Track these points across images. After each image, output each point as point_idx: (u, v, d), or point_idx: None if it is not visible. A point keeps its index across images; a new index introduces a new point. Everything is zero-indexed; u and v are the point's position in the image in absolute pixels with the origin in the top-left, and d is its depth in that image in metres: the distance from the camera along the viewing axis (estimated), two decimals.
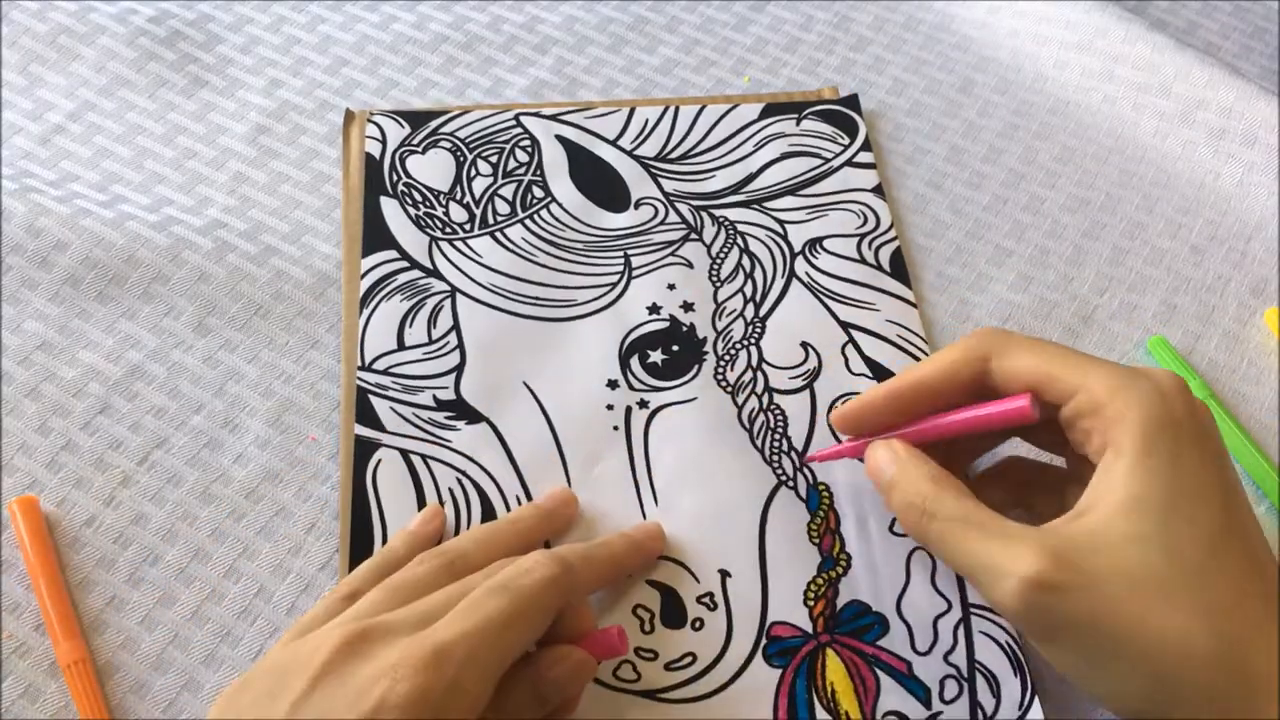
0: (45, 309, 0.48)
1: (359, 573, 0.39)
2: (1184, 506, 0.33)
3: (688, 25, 0.60)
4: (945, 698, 0.40)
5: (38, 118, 0.54)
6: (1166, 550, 0.32)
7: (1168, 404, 0.34)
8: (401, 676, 0.31)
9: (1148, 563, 0.32)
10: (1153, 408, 0.34)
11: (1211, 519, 0.33)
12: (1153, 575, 0.32)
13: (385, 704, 0.31)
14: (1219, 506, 0.33)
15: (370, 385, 0.46)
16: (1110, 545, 0.33)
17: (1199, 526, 0.33)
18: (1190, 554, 0.32)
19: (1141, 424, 0.34)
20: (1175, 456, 0.34)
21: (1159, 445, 0.34)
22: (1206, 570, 0.32)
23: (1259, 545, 0.34)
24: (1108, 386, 0.35)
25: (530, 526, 0.41)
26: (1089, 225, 0.54)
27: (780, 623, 0.41)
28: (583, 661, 0.36)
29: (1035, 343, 0.37)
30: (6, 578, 0.42)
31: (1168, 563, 0.32)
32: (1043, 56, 0.59)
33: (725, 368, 0.48)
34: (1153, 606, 0.32)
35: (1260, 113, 0.54)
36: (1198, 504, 0.33)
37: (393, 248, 0.50)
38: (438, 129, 0.54)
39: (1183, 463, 0.34)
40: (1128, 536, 0.33)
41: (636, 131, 0.55)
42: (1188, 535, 0.33)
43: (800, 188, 0.53)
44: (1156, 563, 0.32)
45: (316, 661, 0.32)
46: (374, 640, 0.33)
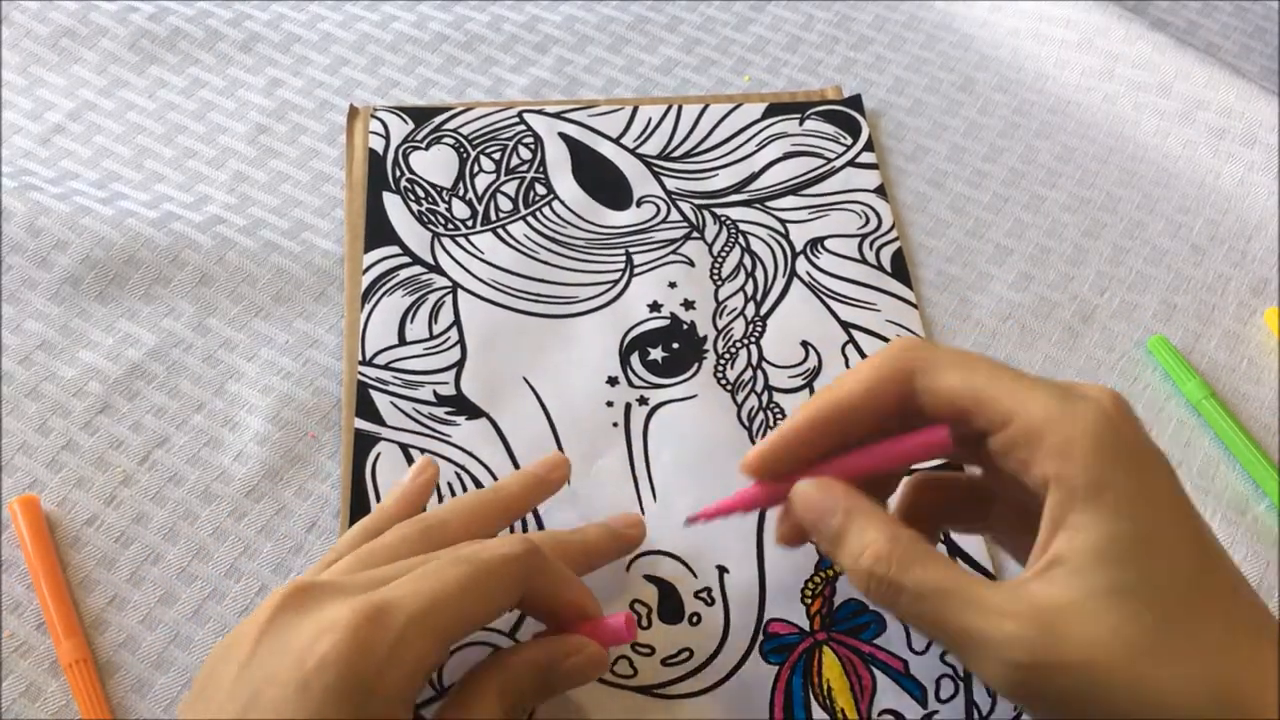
0: (45, 308, 0.48)
1: (346, 536, 0.39)
2: (1158, 543, 0.30)
3: (688, 25, 0.60)
4: (941, 696, 0.40)
5: (37, 117, 0.54)
6: (1151, 600, 0.30)
7: (1114, 428, 0.31)
8: (340, 631, 0.30)
9: (1136, 618, 0.30)
10: (1100, 436, 0.31)
11: (1188, 551, 0.31)
12: (1143, 632, 0.30)
13: (325, 660, 0.30)
14: (1190, 534, 0.31)
15: (371, 380, 0.46)
16: (1094, 606, 0.30)
17: (1177, 563, 0.30)
18: (1176, 597, 0.30)
19: (1092, 456, 0.31)
20: (1135, 487, 0.31)
21: (1115, 478, 0.31)
22: (1194, 612, 0.30)
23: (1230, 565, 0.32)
24: (1045, 414, 0.31)
25: (514, 494, 0.40)
26: (1089, 224, 0.54)
27: (777, 620, 0.41)
28: (597, 656, 0.36)
29: (961, 359, 0.34)
30: (7, 577, 0.42)
31: (1154, 613, 0.30)
32: (1044, 55, 0.59)
33: (725, 366, 0.48)
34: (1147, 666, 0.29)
35: (1260, 113, 0.54)
36: (1170, 537, 0.31)
37: (395, 243, 0.50)
38: (441, 125, 0.54)
39: (1144, 492, 0.31)
40: (1110, 591, 0.30)
41: (639, 130, 0.55)
42: (1169, 576, 0.30)
43: (802, 187, 0.53)
44: (1144, 616, 0.30)
45: (260, 620, 0.32)
46: (318, 597, 0.32)
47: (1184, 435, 0.47)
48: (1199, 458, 0.47)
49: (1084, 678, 0.30)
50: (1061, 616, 0.30)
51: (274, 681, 0.30)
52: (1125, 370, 0.49)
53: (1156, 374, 0.49)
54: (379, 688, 0.30)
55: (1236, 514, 0.45)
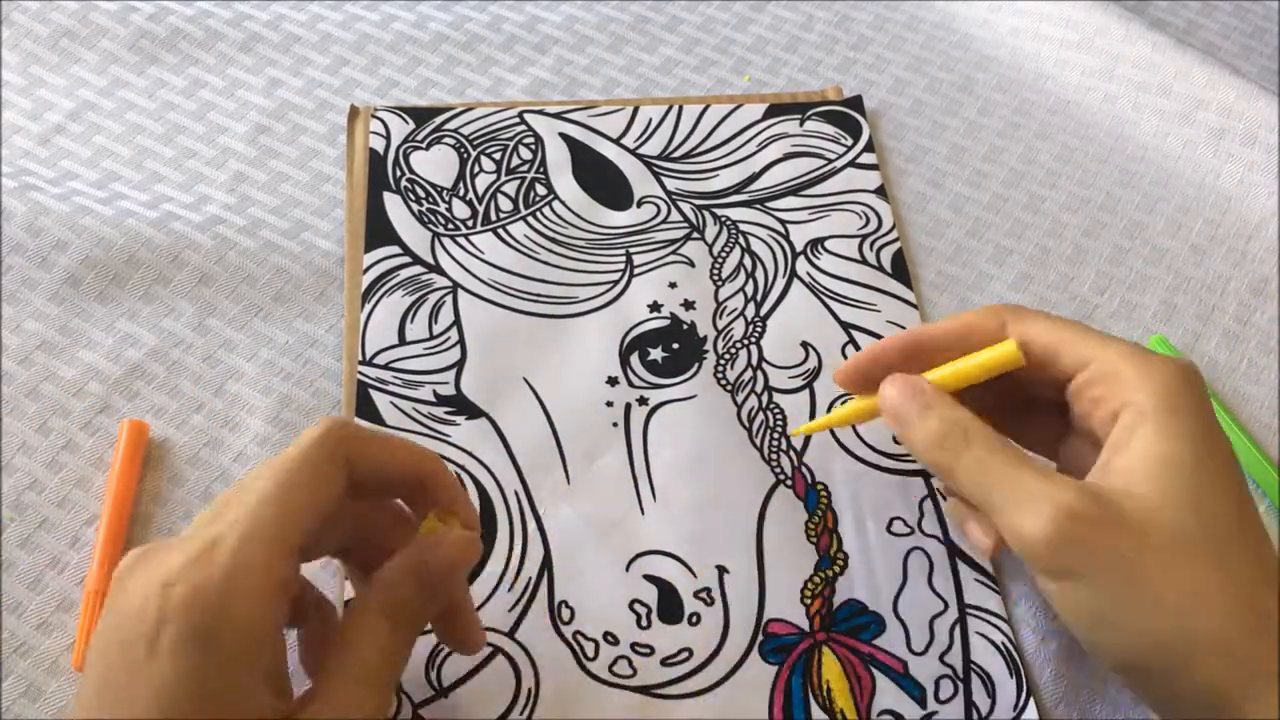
0: (45, 308, 0.48)
1: None
2: (1211, 470, 0.33)
3: (688, 25, 0.60)
4: (940, 697, 0.40)
5: (37, 117, 0.54)
6: (1198, 512, 0.33)
7: (1186, 378, 0.35)
8: (172, 580, 0.29)
9: (1181, 520, 0.33)
10: (1172, 379, 0.35)
11: (1234, 488, 0.34)
12: (1185, 534, 0.32)
13: (163, 613, 0.29)
14: (1238, 479, 0.34)
15: (371, 380, 0.46)
16: (1144, 499, 0.33)
17: (1226, 493, 0.33)
18: (1219, 519, 0.33)
19: (1161, 391, 0.34)
20: (1196, 425, 0.34)
21: (1181, 411, 0.34)
22: (1232, 538, 0.33)
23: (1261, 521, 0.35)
24: (1125, 358, 0.35)
25: None
26: (1089, 224, 0.54)
27: (777, 620, 0.41)
28: (461, 540, 0.35)
29: (1050, 315, 0.38)
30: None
31: (1199, 524, 0.33)
32: (1044, 55, 0.59)
33: (725, 366, 0.48)
34: (1180, 560, 0.32)
35: (1260, 113, 0.54)
36: (1221, 472, 0.34)
37: (395, 243, 0.50)
38: (442, 125, 0.54)
39: (1204, 432, 0.34)
40: (1162, 492, 0.33)
41: (640, 130, 0.55)
42: (1217, 500, 0.33)
43: (803, 188, 0.53)
44: (1189, 522, 0.33)
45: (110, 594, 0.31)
46: (148, 556, 0.31)
47: None
48: None
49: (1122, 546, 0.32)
50: (1114, 495, 0.33)
51: (123, 647, 0.29)
52: None
53: None
54: (227, 625, 0.29)
55: None
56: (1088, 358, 0.36)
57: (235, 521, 0.30)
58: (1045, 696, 0.41)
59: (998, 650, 0.41)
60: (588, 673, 0.40)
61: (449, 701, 0.39)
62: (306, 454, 0.33)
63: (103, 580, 0.41)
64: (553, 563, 0.43)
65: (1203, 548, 0.32)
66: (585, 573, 0.42)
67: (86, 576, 0.42)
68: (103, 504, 0.43)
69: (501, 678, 0.40)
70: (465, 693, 0.40)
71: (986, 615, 0.42)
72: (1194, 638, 0.32)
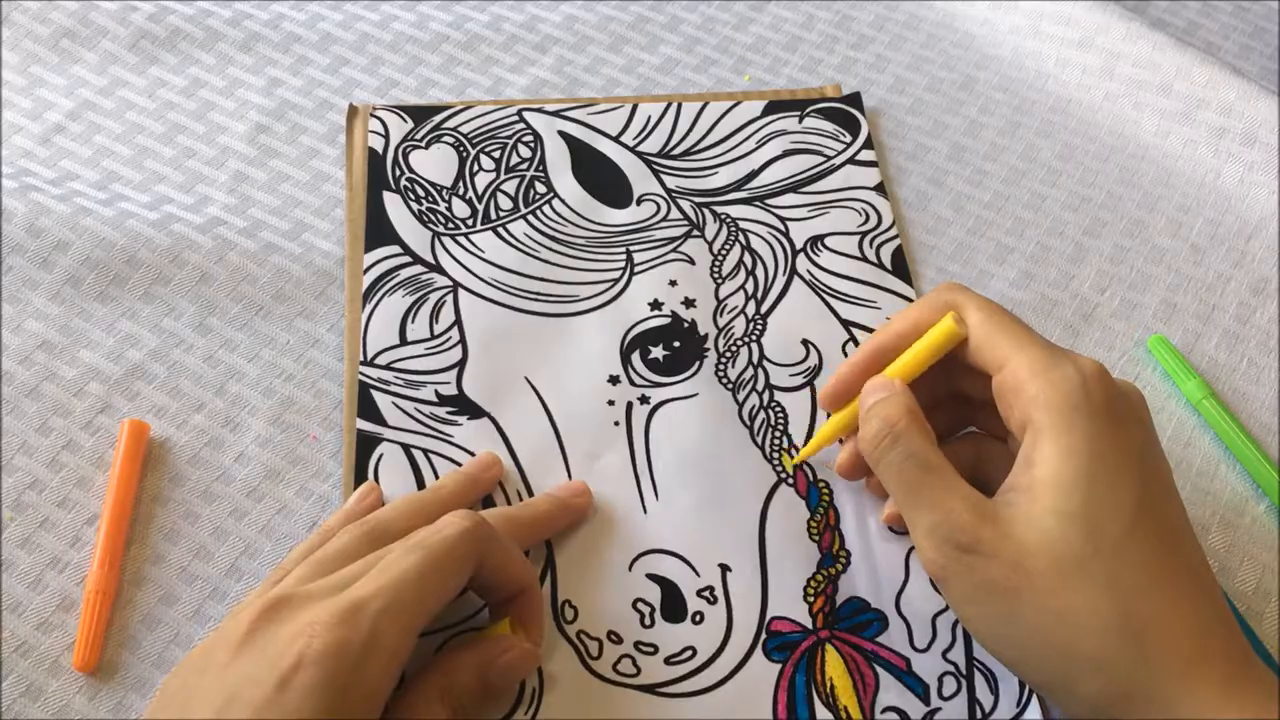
0: (46, 308, 0.48)
1: (290, 555, 0.40)
2: (1102, 486, 0.34)
3: (688, 24, 0.60)
4: (944, 694, 0.40)
5: (37, 117, 0.54)
6: (1086, 528, 0.34)
7: (1086, 389, 0.35)
8: (317, 633, 0.32)
9: (1067, 539, 0.34)
10: (1070, 393, 0.35)
11: (1130, 498, 0.34)
12: (1071, 552, 0.34)
13: (303, 660, 0.31)
14: (1137, 486, 0.35)
15: (372, 380, 0.46)
16: (1032, 519, 0.34)
17: (1118, 506, 0.34)
18: (1108, 533, 0.34)
19: (1058, 406, 0.35)
20: (1091, 438, 0.35)
21: (1075, 427, 0.35)
22: (1123, 550, 0.34)
23: (1178, 523, 0.36)
24: (1030, 367, 0.36)
25: (453, 492, 0.42)
26: (1090, 223, 0.54)
27: (780, 618, 0.41)
28: (527, 652, 0.37)
29: (985, 306, 0.39)
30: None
31: (1086, 540, 0.34)
32: (1044, 54, 0.59)
33: (726, 364, 0.48)
34: (1066, 581, 0.34)
35: (1260, 112, 0.54)
36: (1116, 484, 0.34)
37: (395, 243, 0.50)
38: (441, 124, 0.54)
39: (1100, 444, 0.35)
40: (1050, 512, 0.34)
41: (639, 128, 0.55)
42: (1107, 515, 0.34)
43: (802, 185, 0.53)
44: (1075, 540, 0.34)
45: (237, 633, 0.33)
46: (292, 606, 0.34)
47: (1184, 435, 0.47)
48: (1199, 458, 0.47)
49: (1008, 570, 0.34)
50: (1003, 517, 0.35)
51: (253, 682, 0.32)
52: (1125, 369, 0.49)
53: (1156, 373, 0.49)
54: (357, 684, 0.32)
55: (1236, 514, 0.45)
56: (1000, 361, 0.37)
57: (379, 591, 0.33)
58: None
59: None
60: (592, 672, 0.40)
61: None
62: (453, 545, 0.36)
63: (103, 580, 0.41)
64: (555, 562, 0.42)
65: (1089, 567, 0.33)
66: (588, 572, 0.42)
67: (87, 576, 0.41)
68: (103, 504, 0.43)
69: None
70: None
71: None
72: (1073, 659, 0.34)
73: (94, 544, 0.42)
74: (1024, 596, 0.34)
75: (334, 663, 0.31)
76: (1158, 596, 0.33)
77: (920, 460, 0.37)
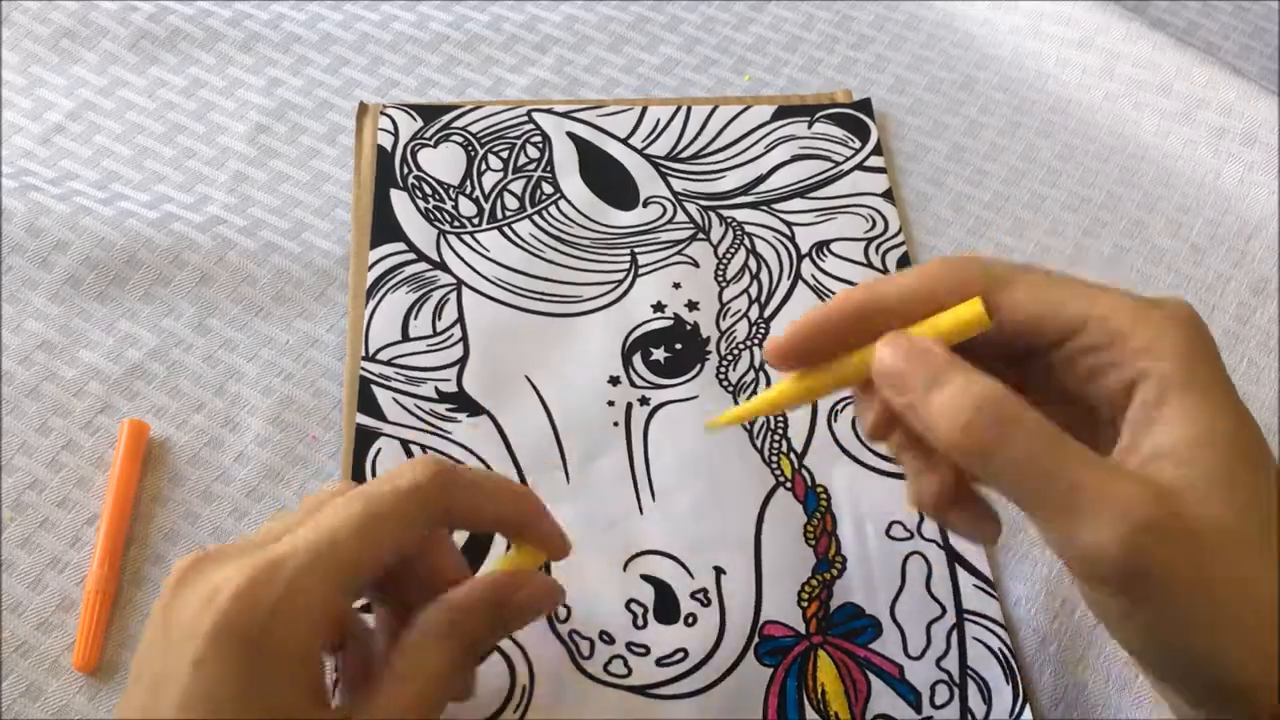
0: (45, 308, 0.48)
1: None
2: (1247, 443, 0.29)
3: (688, 24, 0.60)
4: (936, 703, 0.40)
5: (37, 117, 0.54)
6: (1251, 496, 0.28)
7: (1199, 329, 0.30)
8: (225, 593, 0.29)
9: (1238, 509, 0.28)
10: (1187, 336, 0.30)
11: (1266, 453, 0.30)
12: (1245, 524, 0.28)
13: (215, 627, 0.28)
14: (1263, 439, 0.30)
15: (373, 375, 0.46)
16: (1211, 490, 0.28)
17: (1267, 465, 0.29)
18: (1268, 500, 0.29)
19: (1183, 353, 0.29)
20: (1224, 388, 0.30)
21: (1208, 374, 0.30)
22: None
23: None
24: (1129, 314, 0.30)
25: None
26: (1090, 223, 0.54)
27: (773, 622, 0.41)
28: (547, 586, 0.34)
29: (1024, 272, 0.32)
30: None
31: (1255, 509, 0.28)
32: (1044, 54, 0.59)
33: (728, 368, 0.48)
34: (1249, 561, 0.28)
35: (1260, 112, 0.54)
36: (1256, 439, 0.30)
37: (400, 240, 0.50)
38: (450, 123, 0.55)
39: (1231, 394, 0.30)
40: (1224, 479, 0.28)
41: (648, 130, 0.55)
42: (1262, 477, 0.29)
43: (810, 190, 0.53)
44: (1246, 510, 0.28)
45: (162, 598, 0.31)
46: (208, 563, 0.30)
47: None
48: None
49: (1200, 557, 0.28)
50: (1182, 493, 0.28)
51: (172, 658, 0.29)
52: None
53: None
54: (268, 644, 0.29)
55: None
56: (1078, 320, 0.31)
57: (305, 546, 0.30)
58: (1044, 699, 0.41)
59: (994, 656, 0.41)
60: (582, 671, 0.40)
61: None
62: (399, 501, 0.32)
63: (103, 580, 0.41)
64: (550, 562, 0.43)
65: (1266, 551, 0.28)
66: (582, 571, 0.42)
67: (86, 576, 0.42)
68: (103, 504, 0.43)
69: (496, 675, 0.40)
70: None
71: (984, 621, 0.42)
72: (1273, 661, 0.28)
73: (94, 544, 0.42)
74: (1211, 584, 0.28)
75: (242, 625, 0.28)
76: None
77: (1053, 439, 0.29)
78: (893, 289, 0.32)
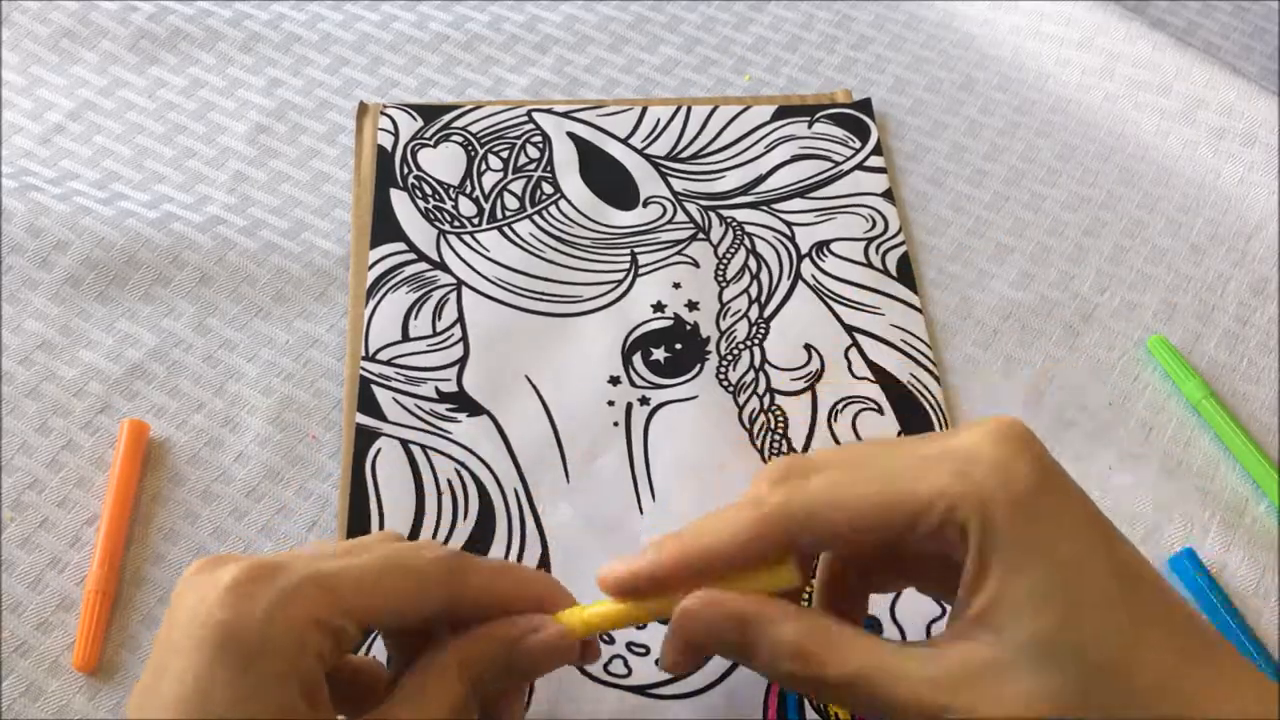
0: (45, 308, 0.48)
1: None
2: (1077, 585, 0.29)
3: (688, 24, 0.60)
4: None
5: (37, 117, 0.54)
6: (1077, 649, 0.28)
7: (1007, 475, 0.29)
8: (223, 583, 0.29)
9: (1059, 673, 0.28)
10: (996, 491, 0.29)
11: (1111, 585, 0.29)
12: (1067, 687, 0.28)
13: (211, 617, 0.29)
14: (1109, 564, 0.29)
15: (373, 375, 0.46)
16: (1015, 665, 0.29)
17: (1103, 600, 0.29)
18: (1103, 641, 0.28)
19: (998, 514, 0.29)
20: (1048, 531, 0.29)
21: (1023, 529, 0.29)
22: (1125, 656, 0.28)
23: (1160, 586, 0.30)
24: (939, 491, 0.30)
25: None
26: (1090, 223, 0.54)
27: None
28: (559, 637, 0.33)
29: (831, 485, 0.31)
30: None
31: (1079, 666, 0.28)
32: (1044, 54, 0.59)
33: (728, 367, 0.48)
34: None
35: (1260, 112, 0.54)
36: (1090, 575, 0.29)
37: (400, 240, 0.50)
38: (450, 123, 0.55)
39: (1058, 532, 0.29)
40: (1031, 646, 0.28)
41: (648, 130, 0.55)
42: (1095, 618, 0.29)
43: (810, 190, 0.53)
44: (1069, 670, 0.28)
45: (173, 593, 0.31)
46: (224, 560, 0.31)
47: (1184, 435, 0.47)
48: (1199, 458, 0.47)
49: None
50: (983, 678, 0.29)
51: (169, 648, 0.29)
52: (1125, 369, 0.49)
53: (1156, 374, 0.49)
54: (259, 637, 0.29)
55: (1236, 515, 0.45)
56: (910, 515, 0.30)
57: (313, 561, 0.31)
58: None
59: None
60: (583, 671, 0.40)
61: None
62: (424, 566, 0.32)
63: (103, 580, 0.41)
64: (550, 560, 0.43)
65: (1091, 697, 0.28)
66: (583, 571, 0.42)
67: (86, 576, 0.42)
68: (103, 504, 0.43)
69: None
70: None
71: None
72: None
73: (94, 544, 0.42)
74: None
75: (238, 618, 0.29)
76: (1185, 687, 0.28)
77: (859, 676, 0.30)
78: (717, 551, 0.32)
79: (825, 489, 0.31)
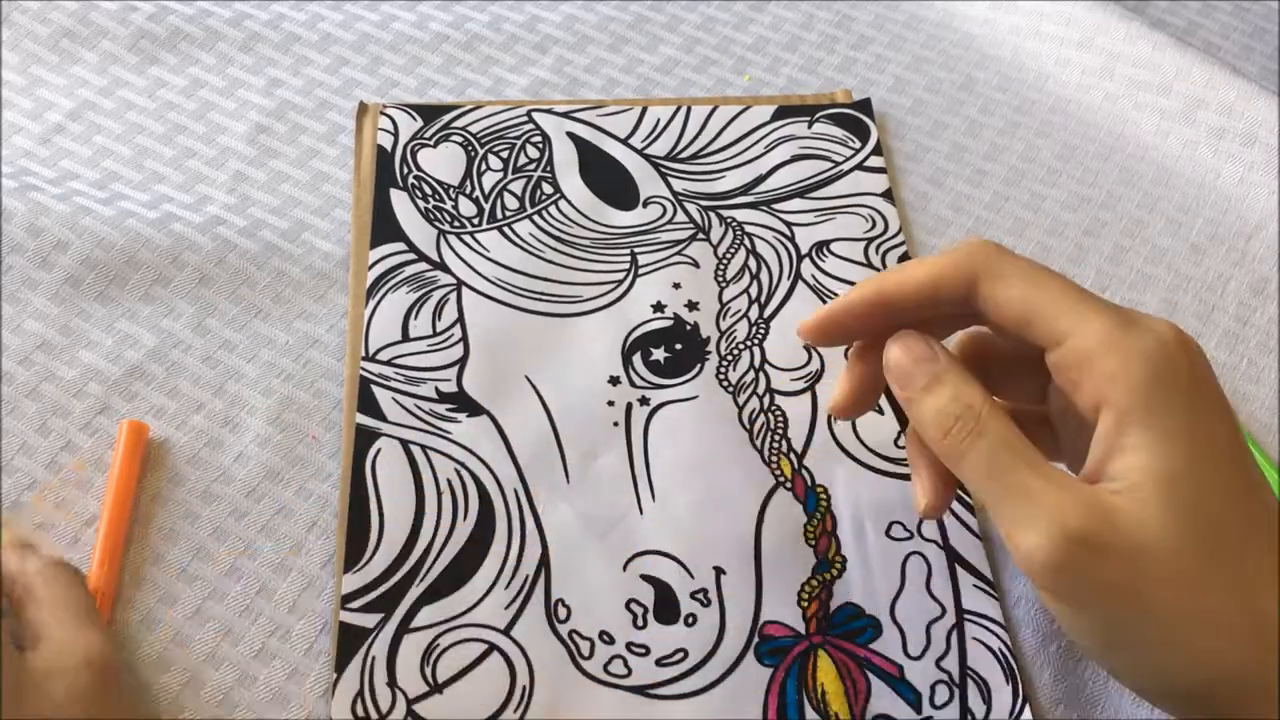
0: (45, 309, 0.48)
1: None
2: (1210, 475, 0.31)
3: (688, 24, 0.60)
4: (936, 703, 0.40)
5: (37, 117, 0.54)
6: (1204, 525, 0.30)
7: (1169, 358, 0.32)
8: None
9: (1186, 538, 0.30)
10: (1154, 365, 0.31)
11: (1240, 486, 0.31)
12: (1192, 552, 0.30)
13: None
14: (1241, 471, 0.32)
15: (373, 375, 0.46)
16: (1144, 515, 0.30)
17: (1230, 497, 0.31)
18: (1227, 529, 0.30)
19: (1143, 384, 0.31)
20: (1188, 419, 0.31)
21: (1167, 407, 0.31)
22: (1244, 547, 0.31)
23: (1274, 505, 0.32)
24: (1099, 338, 0.32)
25: None
26: (1089, 223, 0.54)
27: (773, 622, 0.41)
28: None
29: (1028, 271, 0.34)
30: None
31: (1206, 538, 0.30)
32: (1044, 54, 0.59)
33: (728, 368, 0.48)
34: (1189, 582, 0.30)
35: (1260, 112, 0.54)
36: (1220, 473, 0.31)
37: (400, 240, 0.50)
38: (450, 123, 0.55)
39: (1196, 425, 0.31)
40: (1163, 508, 0.30)
41: (648, 130, 0.55)
42: (1222, 508, 0.31)
43: (809, 190, 0.53)
44: (1195, 539, 0.30)
45: None
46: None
47: None
48: None
49: (1131, 573, 0.30)
50: (1118, 511, 0.31)
51: None
52: None
53: None
54: None
55: None
56: (1061, 333, 0.33)
57: None
58: (1044, 699, 0.41)
59: (994, 657, 0.41)
60: (582, 671, 0.40)
61: (443, 698, 0.39)
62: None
63: (103, 580, 0.41)
64: (550, 561, 0.43)
65: (1212, 567, 0.30)
66: (582, 571, 0.42)
67: (86, 576, 0.42)
68: (102, 504, 0.43)
69: (496, 675, 0.40)
70: (460, 689, 0.40)
71: (984, 621, 0.42)
72: (1214, 675, 0.31)
73: (94, 544, 0.42)
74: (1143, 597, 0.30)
75: None
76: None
77: (1015, 449, 0.32)
78: (903, 284, 0.35)
79: (1015, 262, 0.34)
